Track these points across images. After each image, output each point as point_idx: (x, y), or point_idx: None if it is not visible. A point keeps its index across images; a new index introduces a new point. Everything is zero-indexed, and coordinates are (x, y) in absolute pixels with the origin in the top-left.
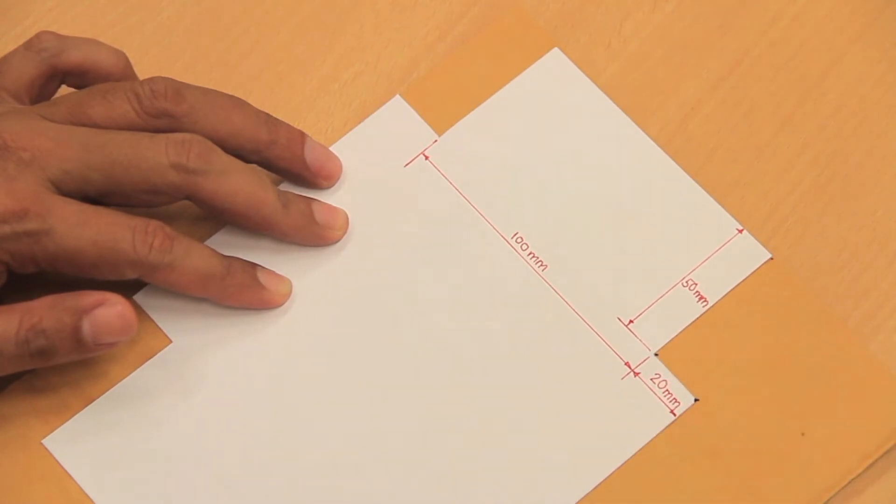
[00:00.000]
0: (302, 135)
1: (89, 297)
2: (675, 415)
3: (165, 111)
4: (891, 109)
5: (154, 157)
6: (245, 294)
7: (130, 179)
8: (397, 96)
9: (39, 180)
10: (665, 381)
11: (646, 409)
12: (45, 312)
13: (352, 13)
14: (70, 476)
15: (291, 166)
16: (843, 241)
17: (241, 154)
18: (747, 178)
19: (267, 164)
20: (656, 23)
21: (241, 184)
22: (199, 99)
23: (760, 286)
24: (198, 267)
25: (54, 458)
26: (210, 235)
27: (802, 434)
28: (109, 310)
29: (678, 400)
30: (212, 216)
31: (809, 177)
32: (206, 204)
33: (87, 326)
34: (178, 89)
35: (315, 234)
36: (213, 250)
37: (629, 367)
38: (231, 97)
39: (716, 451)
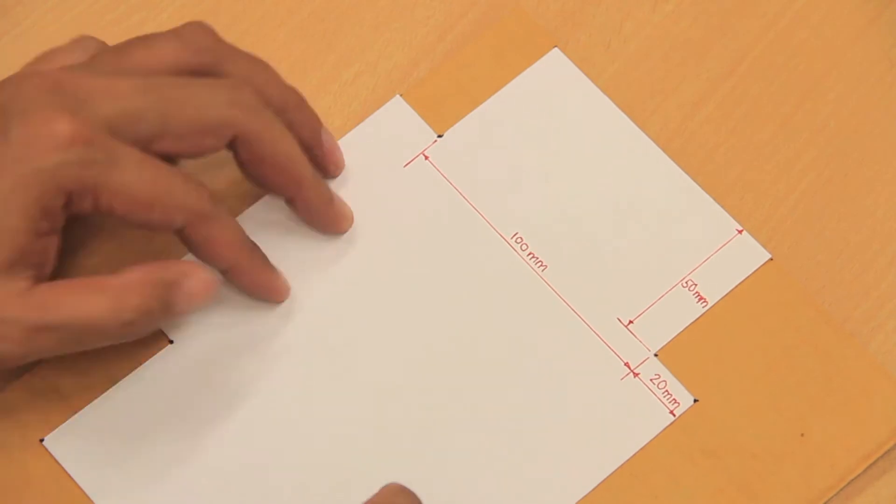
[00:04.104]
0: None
1: (175, 267)
2: (674, 415)
3: (207, 47)
4: (891, 109)
5: (209, 94)
6: (263, 274)
7: (184, 116)
8: (397, 96)
9: (97, 118)
10: (665, 381)
11: (645, 410)
12: (140, 289)
13: (352, 13)
14: (70, 476)
15: (310, 138)
16: (843, 241)
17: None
18: (747, 178)
19: (289, 127)
20: (656, 23)
21: (285, 134)
22: (234, 47)
23: (760, 287)
24: (237, 229)
25: (54, 458)
26: None
27: (802, 434)
28: (195, 279)
29: (678, 400)
30: (246, 166)
31: (809, 177)
32: (249, 147)
33: (179, 299)
34: (215, 33)
35: (331, 215)
36: None
37: (629, 367)
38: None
39: (715, 452)
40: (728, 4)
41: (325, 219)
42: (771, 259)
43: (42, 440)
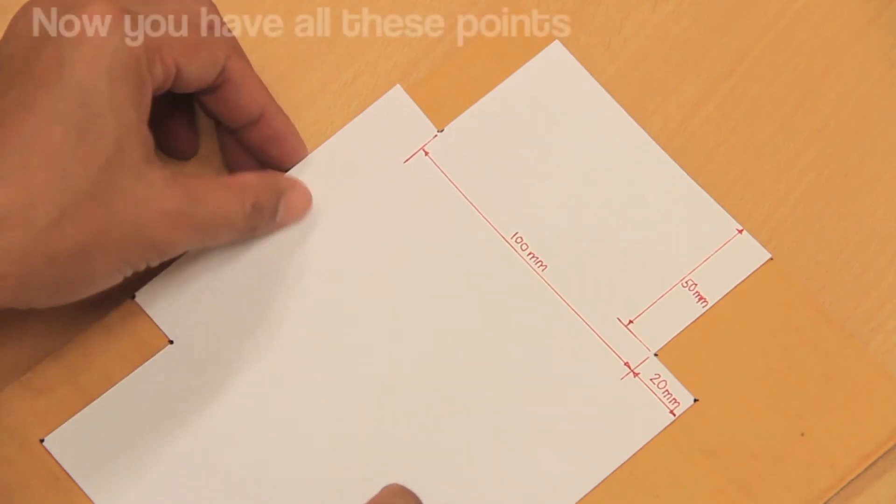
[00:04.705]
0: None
1: (284, 179)
2: (674, 415)
3: None
4: (891, 109)
5: None
6: (289, 120)
7: None
8: (397, 86)
9: None
10: (665, 381)
11: (645, 410)
12: (261, 191)
13: (352, 13)
14: (70, 476)
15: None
16: (843, 241)
17: None
18: (747, 178)
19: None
20: (656, 23)
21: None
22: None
23: (760, 286)
24: None
25: (54, 457)
26: None
27: (802, 434)
28: (298, 193)
29: (678, 400)
30: (224, 83)
31: (809, 177)
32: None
33: (282, 207)
34: None
35: (297, 136)
36: None
37: (629, 367)
38: None
39: (715, 451)
40: (728, 4)
41: (294, 139)
42: (771, 259)
43: (42, 440)
